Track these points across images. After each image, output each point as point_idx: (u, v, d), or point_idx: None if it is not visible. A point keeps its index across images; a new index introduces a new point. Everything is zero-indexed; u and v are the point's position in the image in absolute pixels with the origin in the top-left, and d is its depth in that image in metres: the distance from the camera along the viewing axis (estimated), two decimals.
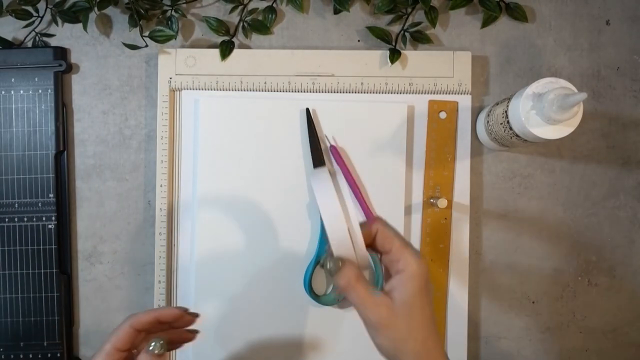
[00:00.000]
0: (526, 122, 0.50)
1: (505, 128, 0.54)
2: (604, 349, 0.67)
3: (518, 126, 0.52)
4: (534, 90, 0.50)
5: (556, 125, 0.50)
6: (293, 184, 0.64)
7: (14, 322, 0.65)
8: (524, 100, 0.51)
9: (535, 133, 0.50)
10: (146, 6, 0.63)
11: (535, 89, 0.50)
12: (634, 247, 0.66)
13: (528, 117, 0.50)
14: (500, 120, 0.55)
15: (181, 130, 0.65)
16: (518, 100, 0.51)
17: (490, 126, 0.59)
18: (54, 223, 0.64)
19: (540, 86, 0.50)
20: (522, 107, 0.51)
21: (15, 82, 0.64)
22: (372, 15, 0.66)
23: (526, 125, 0.50)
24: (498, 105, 0.57)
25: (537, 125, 0.50)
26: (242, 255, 0.64)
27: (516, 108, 0.52)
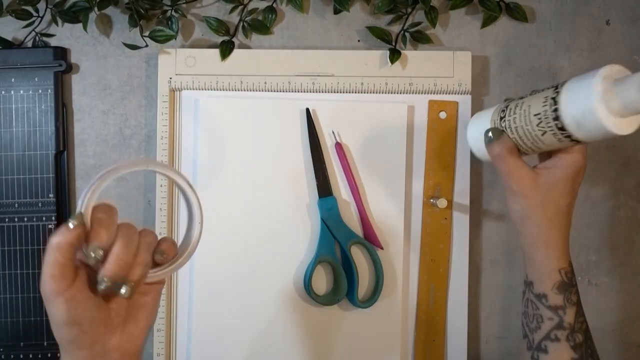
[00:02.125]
0: (598, 113, 0.42)
1: (548, 125, 0.45)
2: (604, 348, 0.67)
3: (582, 119, 0.43)
4: (608, 74, 0.42)
5: (628, 118, 0.42)
6: (293, 183, 0.64)
7: (14, 322, 0.65)
8: (595, 86, 0.42)
9: (610, 127, 0.42)
10: (146, 6, 0.63)
11: (610, 72, 0.42)
12: (634, 247, 0.66)
13: (598, 107, 0.42)
14: (542, 115, 0.46)
15: (181, 130, 0.65)
16: (583, 86, 0.43)
17: (510, 125, 0.49)
18: (54, 223, 0.65)
19: (614, 71, 0.42)
20: (593, 94, 0.42)
21: (15, 82, 0.64)
22: (372, 15, 0.66)
23: (600, 118, 0.42)
24: (525, 100, 0.48)
25: (608, 117, 0.42)
26: (242, 255, 0.64)
27: (581, 96, 0.43)
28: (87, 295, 0.39)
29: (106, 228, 0.40)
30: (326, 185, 0.64)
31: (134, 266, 0.40)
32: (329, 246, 0.63)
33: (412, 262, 0.65)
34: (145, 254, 0.41)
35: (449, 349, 0.65)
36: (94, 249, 0.38)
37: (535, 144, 0.48)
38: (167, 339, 0.65)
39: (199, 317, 0.64)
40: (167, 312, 0.65)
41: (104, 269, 0.39)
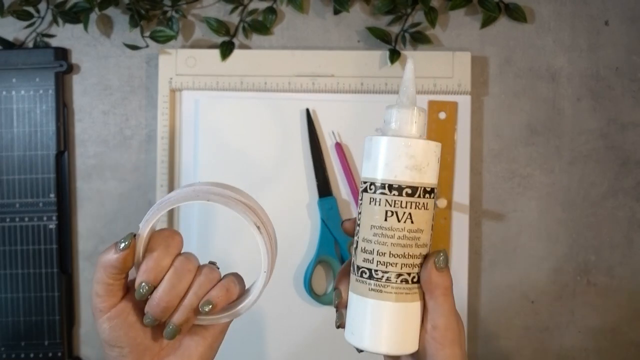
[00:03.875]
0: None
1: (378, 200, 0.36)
2: (602, 348, 0.67)
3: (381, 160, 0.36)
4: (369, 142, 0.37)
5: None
6: (293, 183, 0.64)
7: (15, 322, 0.65)
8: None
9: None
10: (147, 7, 0.64)
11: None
12: (632, 247, 0.66)
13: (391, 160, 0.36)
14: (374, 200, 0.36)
15: (181, 130, 0.65)
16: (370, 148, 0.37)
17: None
18: (54, 223, 0.65)
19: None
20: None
21: (16, 82, 0.65)
22: (372, 16, 0.66)
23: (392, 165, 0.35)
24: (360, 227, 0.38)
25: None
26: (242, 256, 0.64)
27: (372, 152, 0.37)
28: (132, 319, 0.36)
29: (157, 262, 0.36)
30: (326, 185, 0.64)
31: (178, 309, 0.36)
32: (329, 246, 0.63)
33: None
34: (193, 297, 0.36)
35: None
36: (139, 284, 0.35)
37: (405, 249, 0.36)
38: None
39: None
40: None
41: (148, 305, 0.36)
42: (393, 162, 0.35)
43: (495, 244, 0.66)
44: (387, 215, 0.35)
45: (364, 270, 0.36)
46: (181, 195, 0.37)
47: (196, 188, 0.38)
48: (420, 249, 0.36)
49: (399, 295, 0.35)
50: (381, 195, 0.35)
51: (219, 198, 0.38)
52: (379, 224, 0.36)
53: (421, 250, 0.36)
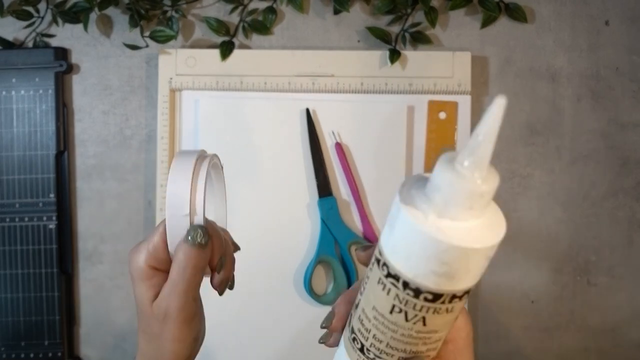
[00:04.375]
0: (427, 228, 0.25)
1: (388, 285, 0.27)
2: (603, 348, 0.67)
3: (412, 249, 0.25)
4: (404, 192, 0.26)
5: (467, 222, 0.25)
6: (293, 183, 0.64)
7: (15, 322, 0.65)
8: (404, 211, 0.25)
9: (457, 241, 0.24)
10: (147, 6, 0.64)
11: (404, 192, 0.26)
12: (632, 247, 0.66)
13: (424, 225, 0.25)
14: (376, 279, 0.28)
15: (181, 130, 0.65)
16: (396, 222, 0.26)
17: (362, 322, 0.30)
18: (54, 223, 0.65)
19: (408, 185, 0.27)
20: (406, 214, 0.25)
21: (16, 82, 0.64)
22: (372, 16, 0.66)
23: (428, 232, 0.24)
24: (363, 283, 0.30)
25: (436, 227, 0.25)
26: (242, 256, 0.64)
27: (400, 228, 0.26)
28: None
29: (222, 239, 0.38)
30: (326, 185, 0.64)
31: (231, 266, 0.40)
32: (329, 246, 0.63)
33: None
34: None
35: None
36: (221, 260, 0.38)
37: (405, 341, 0.29)
38: None
39: None
40: None
41: (225, 272, 0.39)
42: (416, 259, 0.25)
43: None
44: (393, 309, 0.27)
45: (356, 339, 0.30)
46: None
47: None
48: (430, 345, 0.29)
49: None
50: (391, 286, 0.27)
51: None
52: (382, 312, 0.28)
53: (430, 346, 0.29)
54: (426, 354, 0.29)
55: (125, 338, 0.67)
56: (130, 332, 0.67)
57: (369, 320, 0.29)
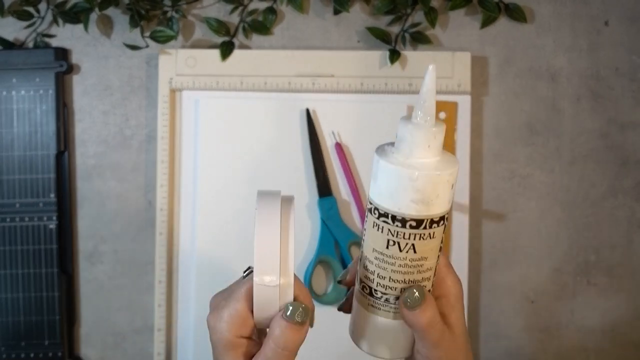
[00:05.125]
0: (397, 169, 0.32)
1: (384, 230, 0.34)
2: (602, 348, 0.67)
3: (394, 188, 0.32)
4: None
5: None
6: (293, 184, 0.64)
7: (15, 322, 0.65)
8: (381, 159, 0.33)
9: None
10: (147, 7, 0.64)
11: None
12: (632, 247, 0.66)
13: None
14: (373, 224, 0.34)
15: (182, 130, 0.65)
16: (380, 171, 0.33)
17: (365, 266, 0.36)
18: (55, 223, 0.65)
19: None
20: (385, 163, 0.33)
21: (17, 82, 0.65)
22: (372, 16, 0.66)
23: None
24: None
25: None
26: (242, 256, 0.64)
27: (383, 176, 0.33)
28: None
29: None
30: (326, 185, 0.64)
31: None
32: (329, 246, 0.63)
33: None
34: None
35: None
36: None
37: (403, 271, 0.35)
38: (167, 339, 0.65)
39: (200, 318, 0.64)
40: (167, 312, 0.65)
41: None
42: (397, 194, 0.32)
43: (495, 244, 0.66)
44: (388, 243, 0.34)
45: (365, 285, 0.36)
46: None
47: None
48: (424, 274, 0.35)
49: (397, 314, 0.35)
50: (383, 224, 0.33)
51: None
52: (380, 250, 0.34)
53: (424, 275, 0.35)
54: (422, 283, 0.35)
55: (125, 338, 0.67)
56: (130, 332, 0.67)
57: (371, 263, 0.35)
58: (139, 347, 0.67)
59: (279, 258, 0.32)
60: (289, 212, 0.34)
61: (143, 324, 0.67)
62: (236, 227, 0.64)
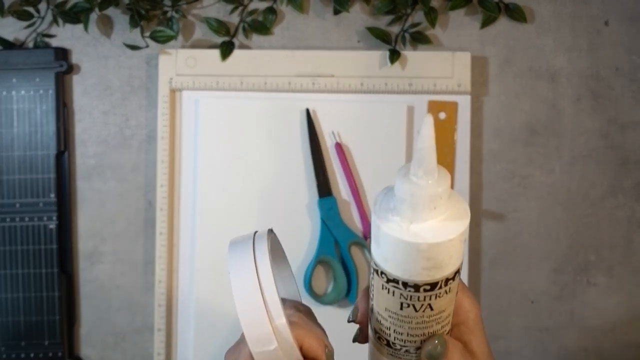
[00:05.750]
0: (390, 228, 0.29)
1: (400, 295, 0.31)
2: (602, 348, 0.67)
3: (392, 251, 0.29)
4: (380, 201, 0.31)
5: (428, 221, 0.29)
6: (293, 184, 0.64)
7: (15, 322, 0.65)
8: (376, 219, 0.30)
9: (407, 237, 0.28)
10: (147, 7, 0.64)
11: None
12: (632, 247, 0.66)
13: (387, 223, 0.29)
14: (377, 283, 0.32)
15: (182, 130, 0.65)
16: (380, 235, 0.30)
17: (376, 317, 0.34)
18: (55, 223, 0.65)
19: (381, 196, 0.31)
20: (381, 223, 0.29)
21: (17, 82, 0.65)
22: (372, 16, 0.66)
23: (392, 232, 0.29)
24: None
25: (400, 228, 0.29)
26: None
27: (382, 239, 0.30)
28: None
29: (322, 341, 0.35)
30: (326, 185, 0.64)
31: None
32: (329, 246, 0.63)
33: None
34: None
35: None
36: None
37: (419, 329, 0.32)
38: (167, 339, 0.65)
39: (201, 318, 0.64)
40: (168, 311, 0.65)
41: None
42: (406, 264, 0.29)
43: (495, 244, 0.66)
44: (402, 305, 0.31)
45: (381, 337, 0.33)
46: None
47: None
48: (442, 322, 0.32)
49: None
50: (394, 288, 0.30)
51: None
52: (394, 311, 0.31)
53: (443, 323, 0.32)
54: (441, 331, 0.33)
55: (125, 338, 0.67)
56: (130, 332, 0.67)
57: (385, 320, 0.32)
58: (139, 347, 0.67)
59: (267, 319, 0.30)
60: (265, 255, 0.32)
61: (143, 324, 0.67)
62: (236, 227, 0.64)
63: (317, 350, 0.34)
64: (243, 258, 0.32)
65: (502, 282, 0.66)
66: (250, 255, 0.32)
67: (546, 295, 0.66)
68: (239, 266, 0.32)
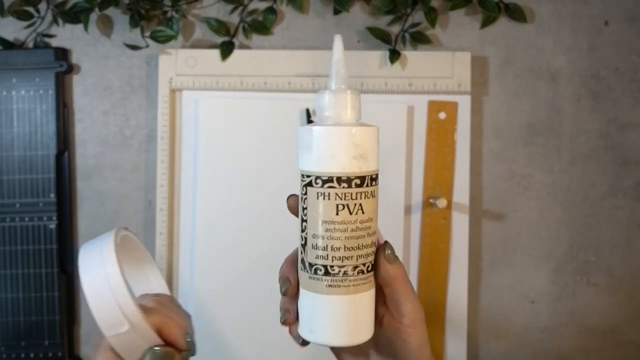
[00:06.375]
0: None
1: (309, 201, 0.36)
2: (602, 348, 0.67)
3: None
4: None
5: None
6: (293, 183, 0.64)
7: (15, 322, 0.65)
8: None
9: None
10: (147, 7, 0.64)
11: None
12: (632, 247, 0.66)
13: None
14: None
15: (181, 130, 0.65)
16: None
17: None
18: (55, 223, 0.65)
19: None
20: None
21: (17, 82, 0.65)
22: (372, 16, 0.66)
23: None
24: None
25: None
26: (242, 255, 0.64)
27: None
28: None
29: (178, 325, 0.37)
30: None
31: None
32: None
33: (411, 261, 0.65)
34: None
35: (449, 348, 0.65)
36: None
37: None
38: None
39: (201, 319, 0.64)
40: None
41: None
42: (340, 154, 0.34)
43: (495, 244, 0.66)
44: (338, 209, 0.34)
45: (318, 267, 0.35)
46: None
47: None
48: (372, 237, 0.35)
49: (357, 287, 0.35)
50: (330, 189, 0.34)
51: None
52: (331, 219, 0.34)
53: (372, 238, 0.35)
54: (372, 246, 0.35)
55: None
56: None
57: (322, 238, 0.35)
58: None
59: (116, 304, 0.32)
60: (110, 248, 0.34)
61: None
62: (236, 227, 0.64)
63: (177, 336, 0.36)
64: (92, 252, 0.34)
65: (502, 282, 0.66)
66: (99, 249, 0.34)
67: (546, 295, 0.66)
68: (88, 260, 0.34)
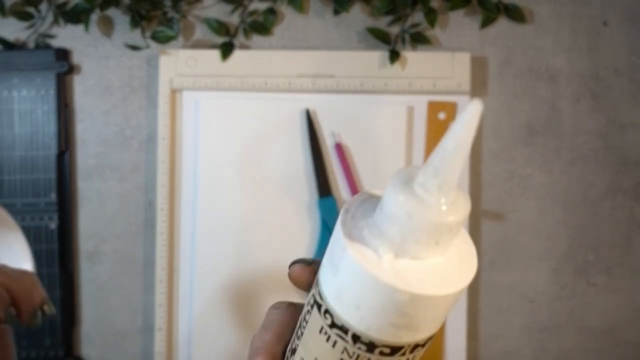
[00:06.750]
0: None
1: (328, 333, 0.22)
2: (602, 348, 0.67)
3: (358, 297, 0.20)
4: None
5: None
6: (293, 184, 0.65)
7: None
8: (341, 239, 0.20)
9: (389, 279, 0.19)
10: (147, 7, 0.64)
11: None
12: (631, 247, 0.66)
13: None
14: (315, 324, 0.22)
15: (182, 130, 0.65)
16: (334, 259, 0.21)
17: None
18: (55, 223, 0.65)
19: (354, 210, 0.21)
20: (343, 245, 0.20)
21: (18, 83, 0.65)
22: (372, 16, 0.66)
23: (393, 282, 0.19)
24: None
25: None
26: (243, 256, 0.65)
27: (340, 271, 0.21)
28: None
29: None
30: (326, 185, 0.64)
31: None
32: None
33: None
34: None
35: (448, 348, 0.65)
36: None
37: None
38: (168, 339, 0.65)
39: (201, 319, 0.64)
40: (168, 312, 0.65)
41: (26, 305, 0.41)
42: (369, 310, 0.20)
43: (494, 244, 0.66)
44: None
45: None
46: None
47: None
48: None
49: None
50: (337, 338, 0.21)
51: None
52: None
53: None
54: None
55: (126, 338, 0.67)
56: (131, 332, 0.67)
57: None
58: (139, 347, 0.67)
59: None
60: None
61: (144, 323, 0.67)
62: (236, 227, 0.64)
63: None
64: None
65: (501, 282, 0.66)
66: None
67: (546, 295, 0.67)
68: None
